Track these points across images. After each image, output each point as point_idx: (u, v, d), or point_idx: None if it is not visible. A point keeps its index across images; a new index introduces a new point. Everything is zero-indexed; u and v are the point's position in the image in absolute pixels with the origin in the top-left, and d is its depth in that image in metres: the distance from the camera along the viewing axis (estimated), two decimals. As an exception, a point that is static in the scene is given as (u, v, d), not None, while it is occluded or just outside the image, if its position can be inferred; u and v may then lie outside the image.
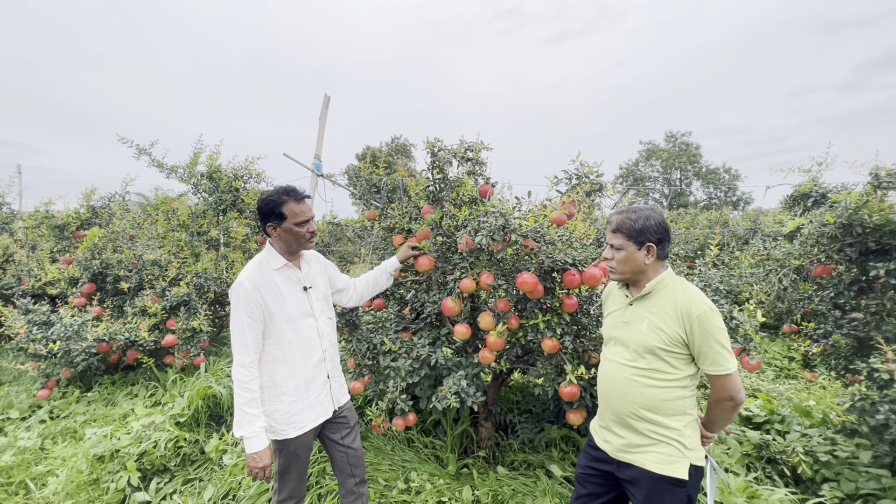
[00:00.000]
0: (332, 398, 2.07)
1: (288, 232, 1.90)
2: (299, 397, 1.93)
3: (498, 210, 2.01)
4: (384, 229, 3.08)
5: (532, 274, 2.19)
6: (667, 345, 1.54)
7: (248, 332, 1.79)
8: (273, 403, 1.91)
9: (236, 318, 1.79)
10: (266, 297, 1.84)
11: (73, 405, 3.78)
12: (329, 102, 3.27)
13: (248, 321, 1.79)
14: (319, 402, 2.01)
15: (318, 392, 2.01)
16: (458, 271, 2.41)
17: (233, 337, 1.80)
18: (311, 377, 1.98)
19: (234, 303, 1.81)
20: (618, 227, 1.63)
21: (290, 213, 1.89)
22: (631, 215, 1.61)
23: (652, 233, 1.58)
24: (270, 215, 1.90)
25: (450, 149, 2.60)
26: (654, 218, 1.59)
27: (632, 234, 1.59)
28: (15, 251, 5.42)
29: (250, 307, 1.79)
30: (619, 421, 1.65)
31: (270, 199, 1.90)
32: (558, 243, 2.11)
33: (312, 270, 2.10)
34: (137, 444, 3.02)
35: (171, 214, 4.58)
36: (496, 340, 2.33)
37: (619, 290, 1.76)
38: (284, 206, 1.89)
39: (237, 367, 1.78)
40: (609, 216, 1.68)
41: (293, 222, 1.89)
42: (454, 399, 2.32)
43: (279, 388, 1.90)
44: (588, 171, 2.23)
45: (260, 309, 1.82)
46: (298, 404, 1.93)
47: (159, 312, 3.86)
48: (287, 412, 1.91)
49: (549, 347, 2.33)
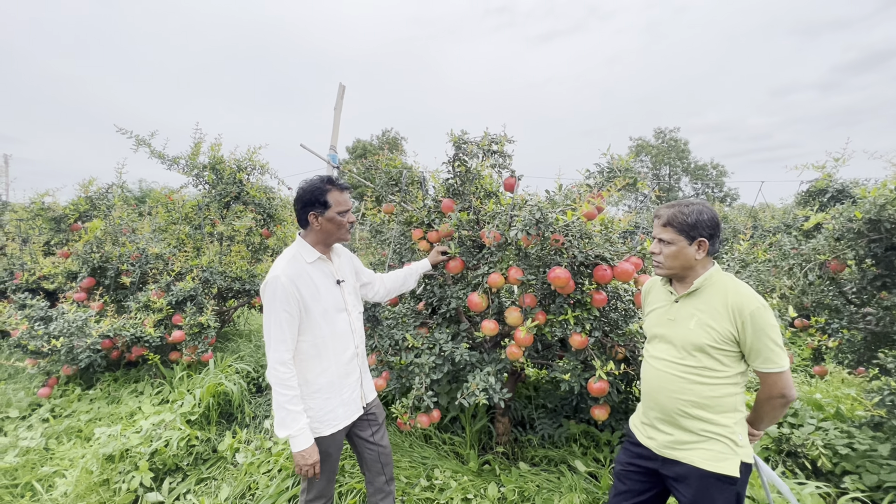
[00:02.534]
0: (362, 395, 2.03)
1: (331, 221, 1.84)
2: (333, 394, 1.89)
3: (536, 204, 1.97)
4: (402, 224, 3.02)
5: (565, 269, 2.16)
6: (717, 342, 1.52)
7: (286, 327, 1.73)
8: (307, 401, 1.85)
9: (273, 313, 1.73)
10: (303, 292, 1.78)
11: (75, 403, 3.66)
12: (344, 92, 3.18)
13: (286, 316, 1.73)
14: (353, 399, 1.97)
15: (351, 389, 1.97)
16: (486, 266, 2.37)
17: (268, 334, 1.74)
18: (345, 373, 1.93)
19: (269, 299, 1.74)
20: (669, 221, 1.60)
21: (335, 201, 1.83)
22: (684, 209, 1.58)
23: (705, 228, 1.56)
24: (314, 203, 1.83)
25: (475, 141, 2.55)
26: (707, 213, 1.57)
27: (684, 228, 1.57)
28: (5, 244, 5.23)
29: (288, 302, 1.73)
30: (667, 418, 1.63)
31: (315, 187, 1.84)
32: (595, 238, 2.08)
33: (343, 263, 2.05)
34: (148, 443, 2.94)
35: (171, 207, 4.44)
36: (526, 336, 2.30)
37: (663, 287, 1.74)
38: (329, 194, 1.83)
39: (275, 364, 1.72)
40: (658, 210, 1.65)
41: (336, 211, 1.84)
42: (483, 396, 2.29)
43: (312, 385, 1.85)
44: (621, 165, 2.20)
45: (297, 303, 1.76)
46: (333, 401, 1.89)
47: (165, 307, 3.75)
48: (322, 409, 1.86)
49: (578, 343, 2.31)
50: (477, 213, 2.72)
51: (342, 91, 3.17)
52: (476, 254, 2.66)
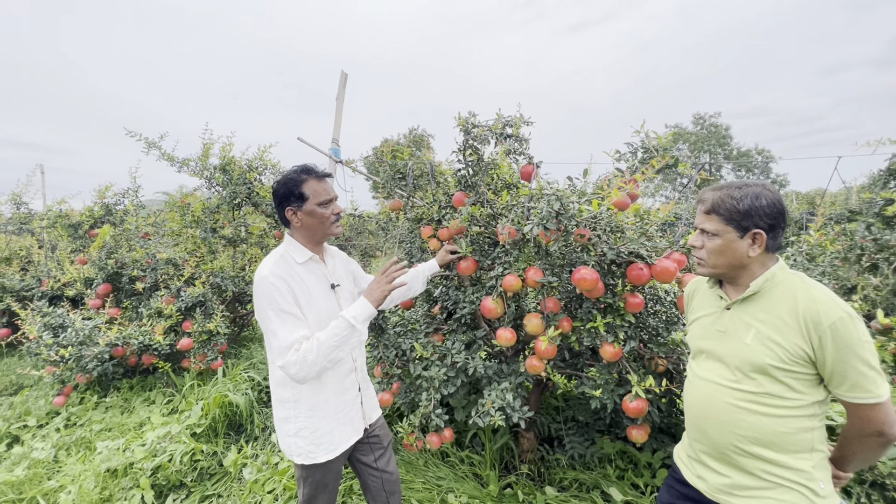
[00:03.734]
0: (363, 414, 1.79)
1: (310, 215, 1.61)
2: (329, 413, 1.66)
3: (553, 192, 1.65)
4: (410, 220, 2.75)
5: (591, 269, 1.83)
6: (785, 362, 1.17)
7: (289, 320, 1.49)
8: (300, 421, 1.63)
9: (270, 315, 1.49)
10: (296, 292, 1.55)
11: (91, 412, 3.61)
12: (346, 81, 2.94)
13: (287, 315, 1.49)
14: (350, 418, 1.73)
15: (349, 407, 1.72)
16: (500, 266, 2.06)
17: (270, 330, 1.49)
18: (341, 390, 1.69)
19: (260, 301, 1.51)
20: (714, 206, 1.25)
21: (312, 192, 1.60)
22: (734, 192, 1.22)
23: (762, 216, 1.20)
24: (289, 197, 1.61)
25: (486, 125, 2.24)
26: (766, 196, 1.21)
27: (733, 216, 1.21)
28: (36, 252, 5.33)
29: (284, 299, 1.49)
30: (719, 455, 1.29)
31: (288, 179, 1.62)
32: (629, 231, 1.74)
33: (337, 266, 1.81)
34: (151, 457, 2.80)
35: (185, 210, 4.36)
36: (548, 348, 1.98)
37: (711, 290, 1.39)
38: (304, 185, 1.60)
39: (287, 352, 1.46)
40: (702, 193, 1.30)
41: (315, 202, 1.60)
42: (499, 416, 1.98)
43: (304, 403, 1.63)
44: (658, 144, 1.84)
45: (293, 301, 1.52)
46: (329, 422, 1.65)
47: (174, 314, 3.64)
48: (316, 431, 1.63)
49: (610, 354, 1.97)
50: (492, 206, 2.41)
51: (344, 79, 2.92)
52: (490, 252, 2.36)
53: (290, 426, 1.65)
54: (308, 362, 1.45)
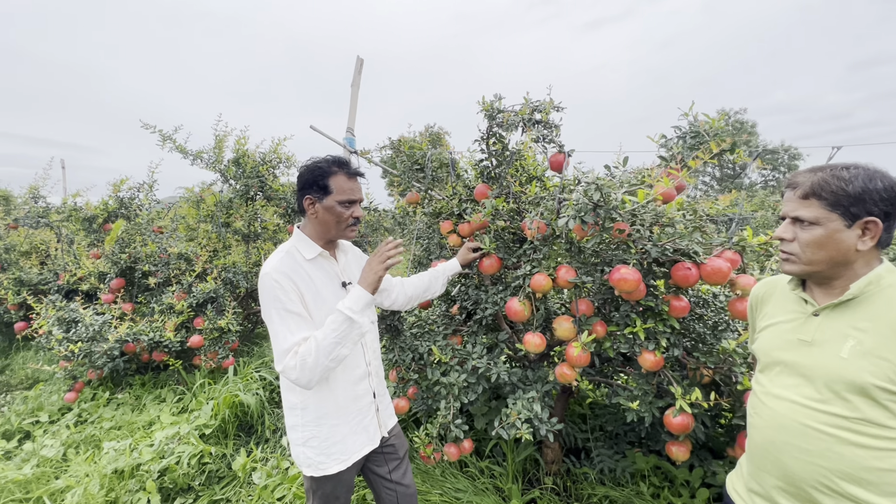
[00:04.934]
0: (378, 422, 1.64)
1: (329, 211, 1.46)
2: (341, 421, 1.52)
3: (594, 181, 1.45)
4: (428, 215, 2.58)
5: (633, 268, 1.62)
6: (893, 383, 0.96)
7: (289, 318, 1.36)
8: (308, 430, 1.50)
9: (273, 314, 1.37)
10: (302, 290, 1.41)
11: (102, 408, 3.55)
12: (362, 66, 2.78)
13: (291, 315, 1.37)
14: (364, 427, 1.58)
15: (363, 415, 1.58)
16: (529, 265, 1.88)
17: (270, 331, 1.39)
18: (353, 396, 1.55)
19: (265, 298, 1.39)
20: (814, 189, 1.04)
21: (337, 187, 1.45)
22: (841, 172, 1.01)
23: (878, 201, 0.99)
24: (312, 186, 1.47)
25: (512, 110, 2.06)
26: (881, 179, 1.00)
27: (840, 200, 1.00)
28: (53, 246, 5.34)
29: (289, 298, 1.37)
30: (796, 492, 1.08)
31: (316, 167, 1.48)
32: (679, 226, 1.53)
33: (350, 263, 1.66)
34: (159, 459, 2.70)
35: (200, 204, 4.27)
36: (581, 354, 1.79)
37: (792, 292, 1.17)
38: (332, 177, 1.46)
39: (285, 356, 1.34)
40: (794, 176, 1.09)
41: (337, 199, 1.46)
42: (526, 429, 1.80)
43: (314, 411, 1.49)
44: (712, 127, 1.63)
45: (299, 300, 1.39)
46: (341, 430, 1.52)
47: (186, 310, 3.55)
48: (328, 440, 1.50)
49: (651, 363, 1.77)
50: (517, 200, 2.22)
51: (360, 65, 2.76)
52: (516, 249, 2.17)
53: (299, 434, 1.52)
54: (308, 365, 1.32)
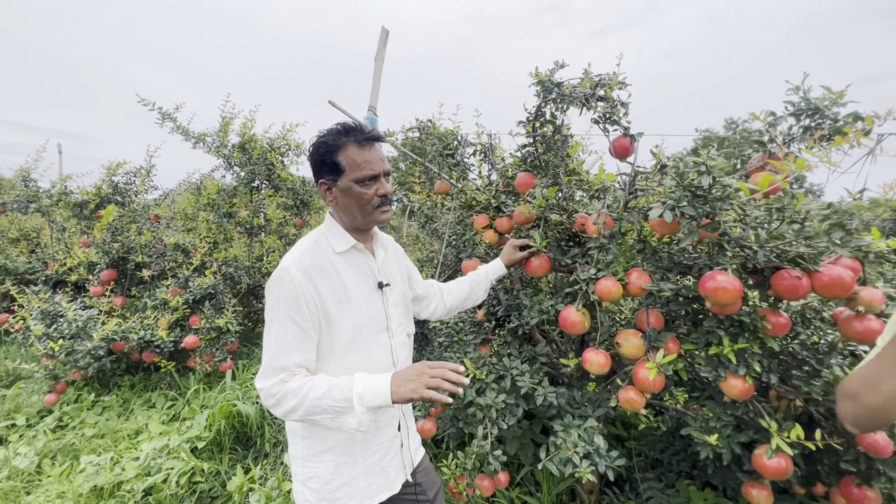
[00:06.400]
0: (402, 461, 1.30)
1: (347, 194, 1.14)
2: (352, 458, 1.19)
3: (703, 160, 1.13)
4: (461, 207, 2.26)
5: (732, 276, 1.30)
6: None
7: (290, 342, 1.07)
8: (309, 466, 1.18)
9: (275, 320, 1.07)
10: (324, 295, 1.10)
11: (86, 412, 3.22)
12: (387, 38, 2.46)
13: (293, 329, 1.06)
14: (383, 467, 1.24)
15: (384, 451, 1.25)
16: (593, 267, 1.55)
17: (267, 336, 1.09)
18: (374, 427, 1.22)
19: (273, 300, 1.08)
20: None
21: (350, 162, 1.12)
22: None
23: None
24: (322, 167, 1.16)
25: (572, 84, 1.73)
26: None
27: None
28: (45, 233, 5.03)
29: (298, 307, 1.06)
30: None
31: (322, 142, 1.15)
32: (814, 223, 1.21)
33: (390, 261, 1.34)
34: (144, 476, 2.38)
35: (199, 192, 3.95)
36: (657, 379, 1.47)
37: None
38: (341, 151, 1.13)
39: (270, 375, 1.06)
40: None
41: (353, 178, 1.13)
42: (587, 467, 1.47)
43: (319, 442, 1.17)
44: (834, 101, 1.31)
45: (314, 311, 1.08)
46: (350, 469, 1.18)
47: (181, 307, 3.23)
48: (331, 482, 1.17)
49: (739, 391, 1.45)
50: (569, 191, 1.90)
51: (385, 36, 2.45)
52: (568, 249, 1.85)
53: (298, 469, 1.21)
54: (284, 408, 1.05)
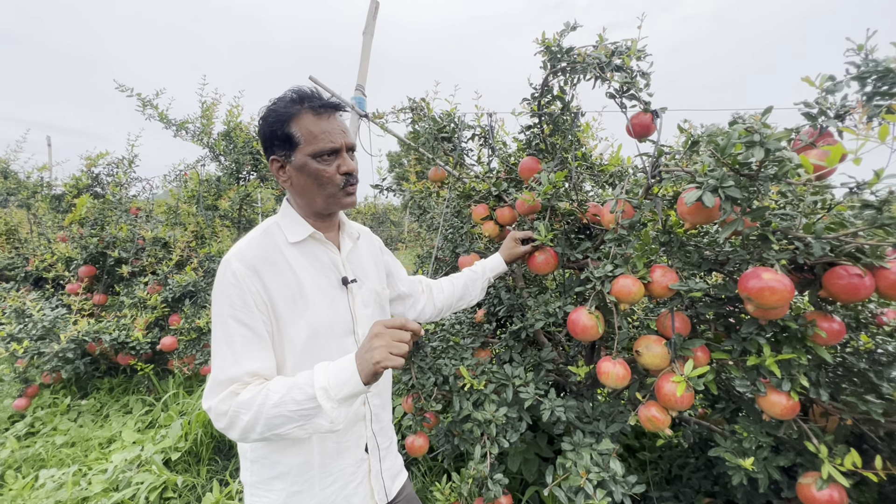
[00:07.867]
0: (371, 489, 1.07)
1: (302, 171, 0.93)
2: (307, 487, 0.97)
3: (756, 127, 0.90)
4: (458, 197, 2.03)
5: (781, 273, 1.07)
6: None
7: (239, 346, 0.86)
8: (258, 494, 0.97)
9: (218, 323, 0.88)
10: (273, 291, 0.89)
11: (59, 418, 3.02)
12: (377, 11, 2.22)
13: (240, 330, 0.86)
14: (346, 496, 1.02)
15: (347, 478, 1.02)
16: (610, 263, 1.32)
17: (213, 345, 0.89)
18: (336, 450, 1.00)
19: (215, 300, 0.88)
20: None
21: (305, 134, 0.91)
22: None
23: None
24: (272, 141, 0.94)
25: (585, 52, 1.50)
26: None
27: None
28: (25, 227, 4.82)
29: (245, 303, 0.86)
30: None
31: (272, 111, 0.93)
32: (894, 207, 0.98)
33: (360, 252, 1.11)
34: (111, 492, 2.17)
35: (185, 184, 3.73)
36: (684, 395, 1.24)
37: None
38: (293, 120, 0.91)
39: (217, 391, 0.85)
40: None
41: (309, 152, 0.91)
42: (603, 497, 1.25)
43: (268, 467, 0.96)
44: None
45: (263, 309, 0.88)
46: (304, 500, 0.98)
47: (159, 305, 3.02)
48: None
49: (782, 409, 1.22)
50: (580, 177, 1.67)
51: (374, 9, 2.21)
52: (578, 243, 1.62)
53: (248, 496, 1.00)
54: (239, 426, 0.82)
